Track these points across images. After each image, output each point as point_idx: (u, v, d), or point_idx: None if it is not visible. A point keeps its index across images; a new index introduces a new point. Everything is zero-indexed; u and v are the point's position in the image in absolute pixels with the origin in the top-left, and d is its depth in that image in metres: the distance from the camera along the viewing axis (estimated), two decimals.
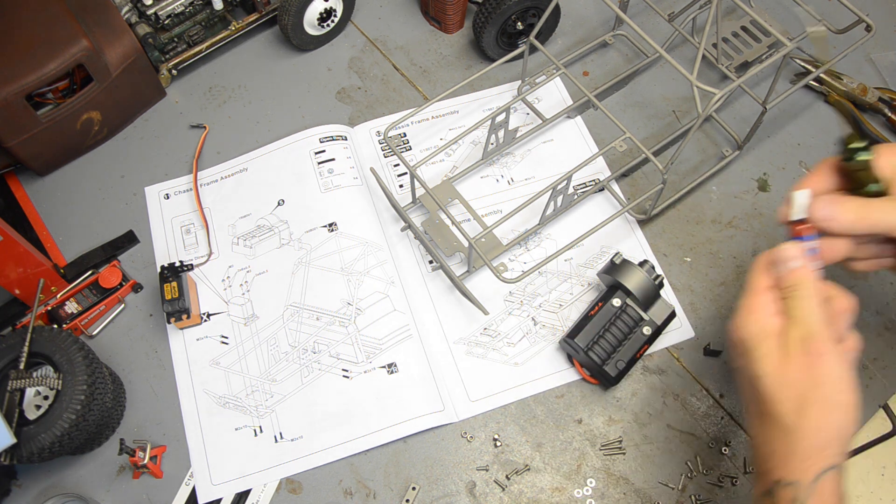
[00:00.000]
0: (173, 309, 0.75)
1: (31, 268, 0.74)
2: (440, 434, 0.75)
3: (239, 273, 0.82)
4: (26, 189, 0.88)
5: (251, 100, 0.94)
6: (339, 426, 0.74)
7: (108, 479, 0.73)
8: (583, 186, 0.88)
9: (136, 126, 0.92)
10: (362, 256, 0.82)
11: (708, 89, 0.68)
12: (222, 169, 0.89)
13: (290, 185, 0.87)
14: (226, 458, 0.73)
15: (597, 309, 0.75)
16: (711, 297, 0.82)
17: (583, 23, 1.01)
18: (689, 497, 0.72)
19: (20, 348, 0.66)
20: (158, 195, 0.87)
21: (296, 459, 0.73)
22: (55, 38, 0.78)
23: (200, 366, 0.77)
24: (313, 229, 0.84)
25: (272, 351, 0.78)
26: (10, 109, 0.77)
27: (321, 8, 0.92)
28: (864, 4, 0.93)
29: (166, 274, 0.76)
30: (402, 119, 0.80)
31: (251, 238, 0.84)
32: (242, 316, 0.80)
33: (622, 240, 0.84)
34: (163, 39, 0.89)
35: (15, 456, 0.63)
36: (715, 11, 0.73)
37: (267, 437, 0.74)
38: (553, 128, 0.91)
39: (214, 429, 0.74)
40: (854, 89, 0.92)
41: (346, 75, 0.96)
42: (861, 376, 0.79)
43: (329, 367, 0.77)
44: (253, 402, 0.75)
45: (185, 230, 0.85)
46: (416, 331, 0.78)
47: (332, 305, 0.80)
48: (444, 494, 0.72)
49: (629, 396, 0.77)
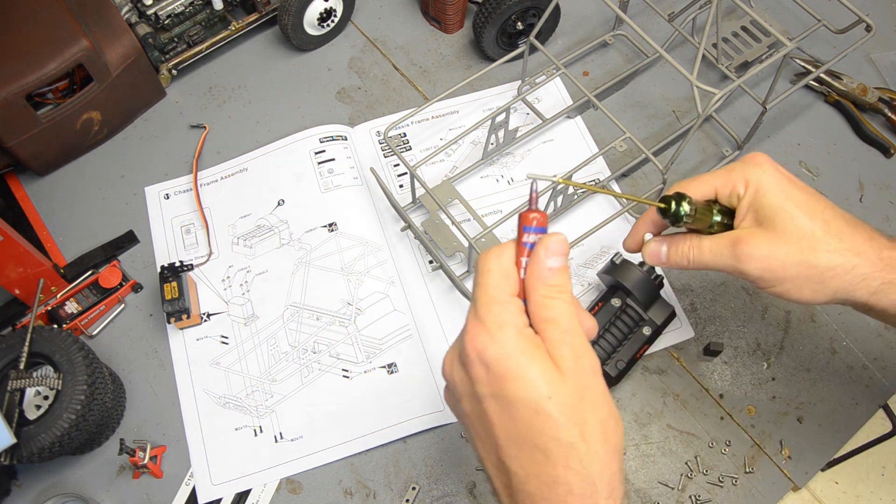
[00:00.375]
0: (173, 309, 0.75)
1: (31, 268, 0.74)
2: (440, 434, 0.75)
3: (239, 273, 0.82)
4: (26, 189, 0.88)
5: (251, 100, 0.94)
6: (339, 426, 0.74)
7: (108, 479, 0.73)
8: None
9: (136, 126, 0.92)
10: (362, 256, 0.82)
11: (708, 89, 0.68)
12: (222, 169, 0.89)
13: (290, 185, 0.87)
14: (226, 458, 0.73)
15: (597, 309, 0.75)
16: (711, 297, 0.82)
17: (583, 23, 1.01)
18: (689, 497, 0.72)
19: (20, 348, 0.66)
20: (158, 195, 0.87)
21: (296, 459, 0.73)
22: (55, 38, 0.78)
23: (200, 366, 0.77)
24: (313, 229, 0.84)
25: (272, 351, 0.78)
26: (10, 109, 0.77)
27: (321, 8, 0.92)
28: (864, 4, 0.93)
29: (166, 274, 0.76)
30: (402, 119, 0.80)
31: (251, 238, 0.84)
32: (242, 316, 0.80)
33: (622, 240, 0.84)
34: (163, 39, 0.89)
35: (15, 456, 0.63)
36: (715, 11, 0.73)
37: (267, 437, 0.74)
38: (553, 128, 0.91)
39: (214, 429, 0.74)
40: (854, 89, 0.92)
41: (346, 75, 0.96)
42: (861, 376, 0.79)
43: (329, 367, 0.77)
44: (253, 403, 0.75)
45: (185, 230, 0.85)
46: (416, 331, 0.78)
47: (332, 305, 0.80)
48: (444, 494, 0.72)
49: (629, 396, 0.77)
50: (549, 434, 0.41)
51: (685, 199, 0.53)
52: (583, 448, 0.41)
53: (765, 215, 0.54)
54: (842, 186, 0.90)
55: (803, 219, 0.53)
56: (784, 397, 0.77)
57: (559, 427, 0.40)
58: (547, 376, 0.40)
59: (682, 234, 0.58)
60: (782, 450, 0.75)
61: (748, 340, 0.80)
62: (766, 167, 0.55)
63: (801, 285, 0.54)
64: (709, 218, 0.55)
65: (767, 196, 0.54)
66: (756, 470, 0.74)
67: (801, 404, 0.77)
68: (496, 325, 0.41)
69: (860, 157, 0.92)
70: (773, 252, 0.53)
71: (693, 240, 0.56)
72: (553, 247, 0.42)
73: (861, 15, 0.81)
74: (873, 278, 0.53)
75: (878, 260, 0.53)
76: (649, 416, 0.76)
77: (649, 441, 0.75)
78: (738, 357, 0.79)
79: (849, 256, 0.53)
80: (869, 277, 0.53)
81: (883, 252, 0.54)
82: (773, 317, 0.81)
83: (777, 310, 0.82)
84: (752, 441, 0.75)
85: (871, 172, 0.91)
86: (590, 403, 0.41)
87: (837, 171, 0.90)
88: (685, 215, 0.53)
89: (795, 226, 0.53)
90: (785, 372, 0.79)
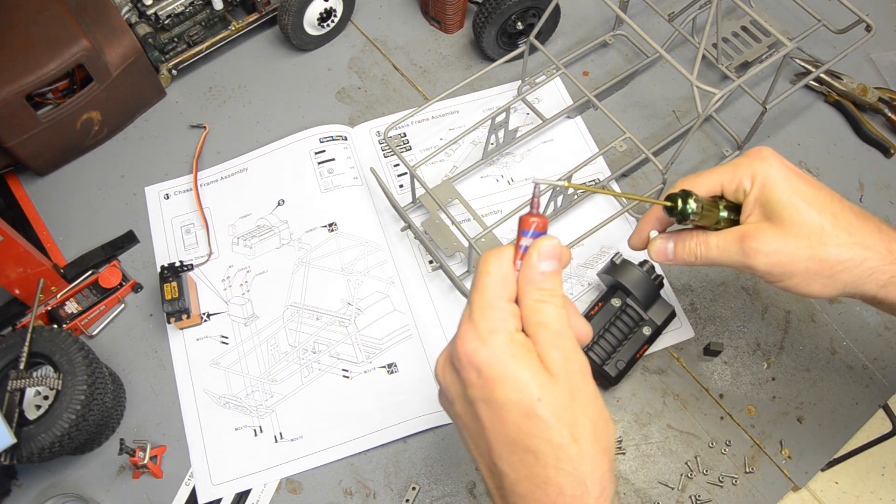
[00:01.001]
0: (173, 309, 0.75)
1: (31, 268, 0.74)
2: (440, 434, 0.75)
3: (239, 273, 0.82)
4: (26, 189, 0.88)
5: (251, 100, 0.94)
6: (338, 426, 0.74)
7: (108, 479, 0.73)
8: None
9: (136, 126, 0.92)
10: (362, 256, 0.82)
11: (708, 89, 0.68)
12: (222, 169, 0.89)
13: (290, 185, 0.87)
14: (226, 458, 0.73)
15: (597, 309, 0.75)
16: (711, 297, 0.82)
17: (583, 23, 1.01)
18: (689, 497, 0.72)
19: (20, 348, 0.66)
20: (158, 195, 0.87)
21: (296, 459, 0.73)
22: (55, 38, 0.78)
23: (200, 366, 0.77)
24: (313, 229, 0.84)
25: (272, 351, 0.78)
26: (10, 109, 0.77)
27: (321, 8, 0.92)
28: (864, 4, 0.93)
29: (166, 274, 0.76)
30: (402, 119, 0.80)
31: (251, 238, 0.84)
32: (242, 316, 0.80)
33: (622, 240, 0.84)
34: (163, 39, 0.89)
35: (15, 456, 0.63)
36: (715, 11, 0.73)
37: (267, 437, 0.74)
38: (553, 128, 0.91)
39: (214, 429, 0.74)
40: (854, 89, 0.92)
41: (346, 75, 0.96)
42: (861, 376, 0.79)
43: (329, 367, 0.77)
44: (253, 403, 0.75)
45: (186, 230, 0.85)
46: (417, 331, 0.78)
47: (332, 305, 0.80)
48: (444, 494, 0.72)
49: (629, 396, 0.77)
50: (539, 436, 0.41)
51: (691, 197, 0.53)
52: (573, 449, 0.41)
53: (772, 210, 0.53)
54: (842, 186, 0.90)
55: (811, 213, 0.53)
56: (784, 397, 0.77)
57: (550, 429, 0.40)
58: (537, 379, 0.41)
59: (689, 230, 0.58)
60: (782, 450, 0.75)
61: (748, 340, 0.80)
62: (772, 161, 0.54)
63: (810, 279, 0.54)
64: (715, 214, 0.55)
65: (774, 190, 0.53)
66: (756, 470, 0.74)
67: (801, 404, 0.77)
68: (488, 330, 0.41)
69: (860, 157, 0.92)
70: (781, 247, 0.53)
71: (700, 236, 0.56)
72: (545, 250, 0.42)
73: (861, 15, 0.81)
74: (882, 272, 0.53)
75: (888, 253, 0.53)
76: (649, 416, 0.76)
77: (649, 441, 0.75)
78: (738, 357, 0.79)
79: (858, 250, 0.53)
80: (878, 271, 0.53)
81: (892, 244, 0.54)
82: (773, 317, 0.81)
83: (777, 310, 0.82)
84: (752, 441, 0.75)
85: (871, 172, 0.91)
86: (580, 405, 0.42)
87: (837, 171, 0.91)
88: (692, 213, 0.53)
89: (804, 220, 0.53)
90: (785, 372, 0.79)
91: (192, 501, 0.71)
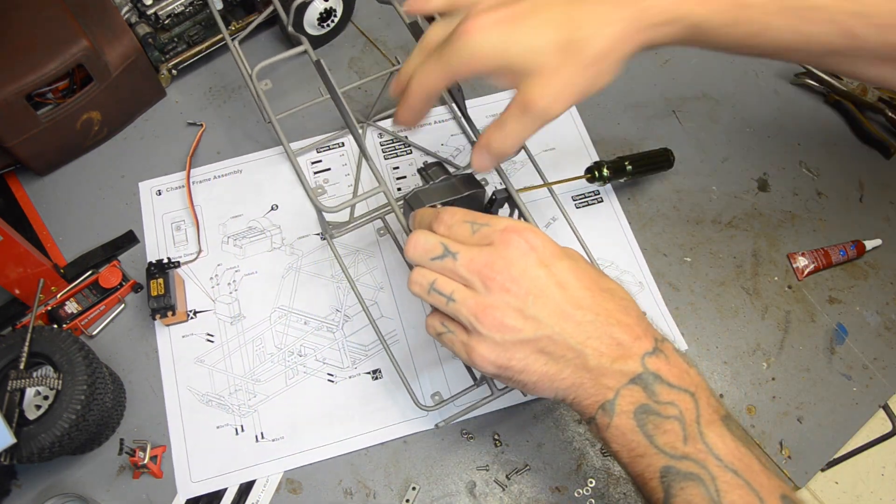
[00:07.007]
0: (158, 305, 0.75)
1: (31, 268, 0.74)
2: (440, 434, 0.75)
3: (227, 272, 0.82)
4: (26, 189, 0.88)
5: (251, 100, 0.94)
6: (321, 429, 0.74)
7: (108, 479, 0.73)
8: (581, 196, 0.87)
9: (136, 126, 0.92)
10: (353, 264, 0.82)
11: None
12: (216, 168, 0.89)
13: (285, 191, 0.87)
14: (206, 455, 0.73)
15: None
16: (711, 297, 0.82)
17: None
18: None
19: (20, 348, 0.66)
20: (151, 191, 0.87)
21: (276, 460, 0.73)
22: (55, 38, 0.78)
23: (185, 362, 0.77)
24: (306, 236, 0.84)
25: (257, 351, 0.78)
26: (10, 109, 0.77)
27: (321, 8, 0.92)
28: None
29: (153, 270, 0.76)
30: None
31: (242, 238, 0.84)
32: (229, 315, 0.80)
33: (618, 241, 0.84)
34: (163, 39, 0.89)
35: (15, 456, 0.63)
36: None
37: (248, 437, 0.74)
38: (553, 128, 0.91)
39: (196, 425, 0.74)
40: (854, 89, 0.93)
41: (346, 75, 0.96)
42: (861, 376, 0.79)
43: (314, 370, 0.77)
44: (235, 402, 0.75)
45: (176, 227, 0.85)
46: (404, 336, 0.79)
47: (321, 311, 0.80)
48: (444, 494, 0.72)
49: None
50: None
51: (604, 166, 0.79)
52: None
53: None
54: (842, 186, 0.90)
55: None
56: (784, 397, 0.77)
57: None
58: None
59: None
60: (782, 450, 0.75)
61: (748, 340, 0.80)
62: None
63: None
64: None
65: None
66: None
67: (801, 404, 0.77)
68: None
69: (860, 157, 0.92)
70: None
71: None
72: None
73: None
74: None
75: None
76: None
77: None
78: (738, 357, 0.79)
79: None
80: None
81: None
82: (772, 317, 0.81)
83: (777, 310, 0.82)
84: (751, 441, 0.75)
85: (871, 172, 0.91)
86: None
87: (837, 171, 0.91)
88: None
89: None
90: (785, 372, 0.79)
91: (193, 502, 0.71)
